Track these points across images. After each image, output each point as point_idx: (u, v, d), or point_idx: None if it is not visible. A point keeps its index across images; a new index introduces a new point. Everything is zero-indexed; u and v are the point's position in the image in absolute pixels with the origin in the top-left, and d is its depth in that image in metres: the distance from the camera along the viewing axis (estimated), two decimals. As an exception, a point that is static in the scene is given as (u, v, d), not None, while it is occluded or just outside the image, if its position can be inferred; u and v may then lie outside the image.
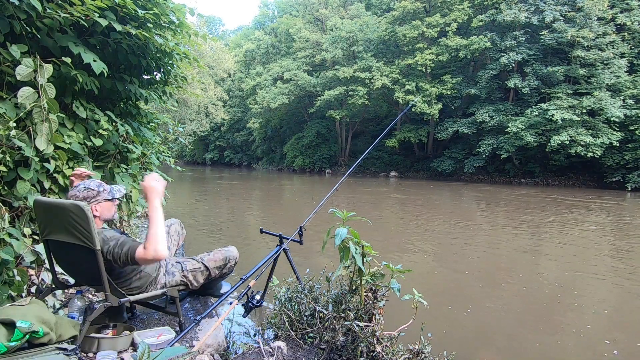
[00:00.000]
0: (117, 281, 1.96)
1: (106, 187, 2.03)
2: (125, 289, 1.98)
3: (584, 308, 3.80)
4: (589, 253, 6.04)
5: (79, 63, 2.48)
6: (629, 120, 19.41)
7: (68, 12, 2.26)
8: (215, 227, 7.18)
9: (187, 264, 2.25)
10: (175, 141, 5.95)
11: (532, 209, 10.91)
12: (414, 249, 5.92)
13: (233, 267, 2.45)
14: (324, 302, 2.22)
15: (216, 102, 27.49)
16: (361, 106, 26.86)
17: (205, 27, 39.17)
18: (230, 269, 2.44)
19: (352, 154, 31.21)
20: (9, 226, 2.15)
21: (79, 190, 1.96)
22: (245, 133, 40.26)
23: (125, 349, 1.87)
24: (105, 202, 2.00)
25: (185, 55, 3.33)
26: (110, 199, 2.02)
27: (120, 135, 3.04)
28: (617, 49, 20.36)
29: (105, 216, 2.02)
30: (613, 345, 2.98)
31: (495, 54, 22.70)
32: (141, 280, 2.04)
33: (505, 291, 4.22)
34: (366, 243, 1.99)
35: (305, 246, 3.62)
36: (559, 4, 21.28)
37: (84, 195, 1.95)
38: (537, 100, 21.74)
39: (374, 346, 1.93)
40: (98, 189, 1.98)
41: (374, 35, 26.74)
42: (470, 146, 24.19)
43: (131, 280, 2.01)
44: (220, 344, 2.18)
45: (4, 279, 2.12)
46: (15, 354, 1.58)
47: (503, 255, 5.80)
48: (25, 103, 2.07)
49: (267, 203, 12.20)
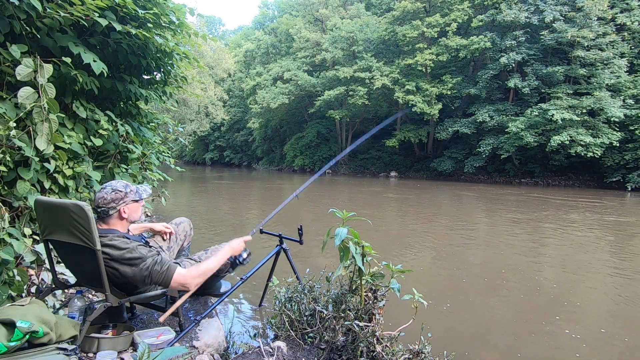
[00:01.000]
0: (121, 290, 1.96)
1: (133, 188, 1.99)
2: (126, 292, 1.98)
3: (584, 308, 3.80)
4: (589, 253, 6.04)
5: (79, 63, 2.48)
6: (629, 120, 19.41)
7: (68, 12, 2.27)
8: (215, 227, 7.18)
9: (185, 265, 2.24)
10: (175, 141, 5.96)
11: (532, 209, 10.91)
12: (414, 249, 5.92)
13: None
14: (324, 302, 2.22)
15: (216, 102, 27.51)
16: (361, 106, 26.86)
17: (205, 27, 39.23)
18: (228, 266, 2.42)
19: (352, 153, 31.19)
20: (9, 226, 2.15)
21: (107, 192, 1.92)
22: (245, 133, 40.27)
23: (125, 349, 1.87)
24: (132, 203, 1.96)
25: (185, 55, 3.33)
26: (137, 200, 1.99)
27: (120, 135, 3.05)
28: (617, 49, 20.35)
29: (133, 218, 1.99)
30: (614, 345, 2.98)
31: (495, 54, 22.70)
32: (144, 287, 2.04)
33: (505, 291, 4.22)
34: (366, 243, 1.99)
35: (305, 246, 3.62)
36: (559, 4, 21.28)
37: (112, 197, 1.90)
38: (537, 100, 21.75)
39: (374, 346, 1.93)
40: (125, 190, 1.95)
41: (374, 35, 26.74)
42: (470, 146, 24.19)
43: (134, 288, 2.01)
44: (220, 344, 2.18)
45: (4, 279, 2.12)
46: (15, 354, 1.58)
47: (503, 255, 5.80)
48: (25, 103, 2.07)
49: (267, 203, 12.20)
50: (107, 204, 1.90)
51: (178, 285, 1.88)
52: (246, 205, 11.33)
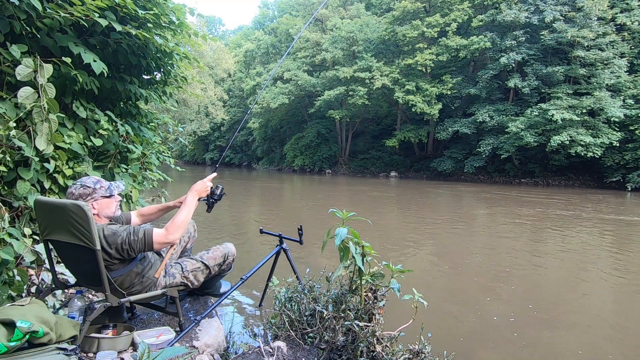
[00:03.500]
0: (120, 285, 1.96)
1: (104, 184, 2.01)
2: (126, 291, 1.98)
3: (584, 308, 3.80)
4: (590, 253, 6.04)
5: (79, 63, 2.48)
6: (629, 120, 19.42)
7: (68, 12, 2.26)
8: (215, 227, 7.18)
9: (186, 265, 2.23)
10: (175, 141, 5.96)
11: (532, 209, 10.91)
12: (414, 249, 5.92)
13: (232, 263, 2.43)
14: (324, 302, 2.22)
15: (216, 102, 27.50)
16: (361, 106, 26.86)
17: (205, 27, 39.15)
18: (229, 266, 2.42)
19: (352, 154, 31.21)
20: (9, 226, 2.15)
21: (75, 187, 1.96)
22: (245, 133, 40.27)
23: (125, 349, 1.87)
24: (102, 199, 1.98)
25: (185, 55, 3.33)
26: (109, 196, 2.01)
27: (120, 135, 3.04)
28: (617, 49, 20.36)
29: (105, 213, 2.01)
30: (615, 345, 2.98)
31: (495, 54, 22.71)
32: (143, 284, 2.03)
33: (506, 291, 4.22)
34: (366, 243, 1.99)
35: (305, 246, 3.62)
36: (559, 4, 21.29)
37: (79, 193, 1.94)
38: (537, 100, 21.76)
39: (374, 346, 1.93)
40: (94, 186, 1.97)
41: (374, 35, 26.74)
42: (470, 146, 24.20)
43: (133, 284, 2.00)
44: (220, 344, 2.18)
45: (4, 279, 2.12)
46: (15, 354, 1.58)
47: (503, 255, 5.80)
48: (25, 103, 2.07)
49: (266, 203, 12.20)
50: (76, 200, 1.91)
51: (161, 245, 1.93)
52: (246, 205, 11.33)
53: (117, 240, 1.86)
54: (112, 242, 1.86)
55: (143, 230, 1.90)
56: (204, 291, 2.54)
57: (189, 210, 2.05)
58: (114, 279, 1.91)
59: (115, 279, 1.92)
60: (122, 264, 1.94)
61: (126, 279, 1.97)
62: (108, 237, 1.86)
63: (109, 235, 1.86)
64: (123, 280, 1.96)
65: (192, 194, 2.13)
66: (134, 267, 1.98)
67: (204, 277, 2.30)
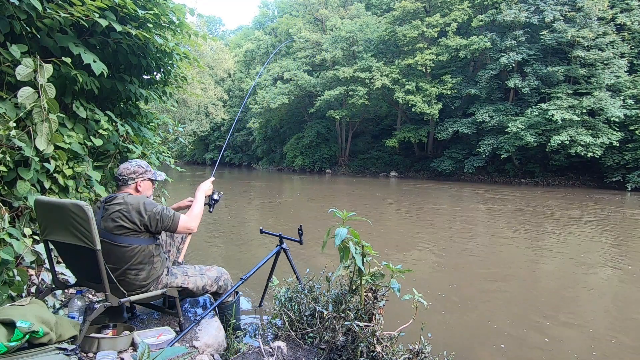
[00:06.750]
0: (130, 271, 1.97)
1: (152, 169, 2.24)
2: (130, 283, 1.98)
3: (585, 308, 3.80)
4: (590, 253, 6.04)
5: (79, 63, 2.48)
6: (629, 120, 19.41)
7: (68, 12, 2.26)
8: (215, 227, 7.18)
9: (188, 269, 2.28)
10: (175, 141, 5.96)
11: (532, 209, 10.91)
12: (414, 249, 5.92)
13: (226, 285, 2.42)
14: (324, 302, 2.22)
15: (216, 102, 27.51)
16: (361, 106, 26.85)
17: (205, 27, 39.21)
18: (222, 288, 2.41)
19: (352, 154, 31.20)
20: (9, 226, 2.15)
21: (131, 164, 2.14)
22: (245, 133, 40.25)
23: (125, 349, 1.87)
24: (148, 181, 2.19)
25: (185, 55, 3.33)
26: (153, 180, 2.23)
27: (120, 135, 3.04)
28: (617, 49, 20.35)
29: (146, 194, 2.19)
30: (616, 346, 2.98)
31: (495, 54, 22.69)
32: (149, 273, 2.04)
33: (505, 291, 4.22)
34: (366, 243, 1.99)
35: (305, 246, 3.62)
36: (559, 4, 21.28)
37: (134, 170, 2.13)
38: (537, 100, 21.74)
39: (374, 346, 1.93)
40: (147, 168, 2.20)
41: (374, 35, 26.73)
42: (470, 146, 24.19)
43: (140, 271, 2.00)
44: (220, 344, 2.18)
45: (4, 279, 2.12)
46: (15, 354, 1.58)
47: (503, 255, 5.80)
48: (25, 103, 2.07)
49: (266, 203, 12.20)
50: (129, 174, 2.11)
51: (184, 229, 2.11)
52: (246, 205, 11.33)
53: (153, 209, 1.99)
54: (150, 209, 1.98)
55: (173, 211, 2.09)
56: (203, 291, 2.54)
57: (200, 205, 2.28)
58: (132, 247, 1.97)
59: (134, 247, 1.97)
60: (146, 234, 2.02)
61: (140, 254, 1.99)
62: (147, 205, 2.00)
63: (148, 203, 2.01)
64: (137, 254, 1.98)
65: (200, 192, 2.35)
66: (151, 243, 2.05)
67: (202, 285, 2.29)
